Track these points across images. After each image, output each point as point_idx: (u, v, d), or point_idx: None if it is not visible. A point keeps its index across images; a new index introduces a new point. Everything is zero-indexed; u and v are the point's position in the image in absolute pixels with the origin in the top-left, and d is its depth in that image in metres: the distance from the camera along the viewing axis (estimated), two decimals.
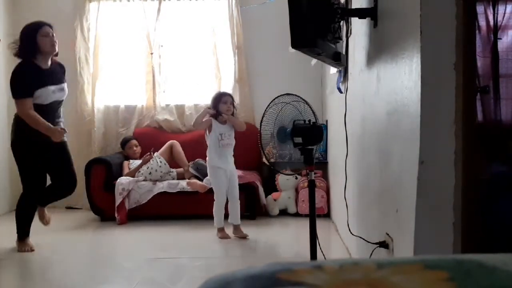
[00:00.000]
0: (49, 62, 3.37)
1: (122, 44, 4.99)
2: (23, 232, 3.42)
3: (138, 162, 4.56)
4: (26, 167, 3.36)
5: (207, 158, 3.80)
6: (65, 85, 3.48)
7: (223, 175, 3.70)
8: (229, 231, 3.75)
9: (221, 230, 3.74)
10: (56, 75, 3.41)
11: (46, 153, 3.37)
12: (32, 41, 3.27)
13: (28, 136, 3.30)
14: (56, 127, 3.33)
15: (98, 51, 4.92)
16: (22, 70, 3.30)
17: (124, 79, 5.01)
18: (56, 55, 3.43)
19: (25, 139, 3.32)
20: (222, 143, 3.69)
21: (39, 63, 3.30)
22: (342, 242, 3.46)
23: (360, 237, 2.43)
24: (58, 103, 3.45)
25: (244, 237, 3.72)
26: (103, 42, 4.96)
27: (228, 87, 4.99)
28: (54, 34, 3.34)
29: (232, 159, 3.78)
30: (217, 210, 3.73)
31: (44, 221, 3.58)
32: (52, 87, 3.34)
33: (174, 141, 4.72)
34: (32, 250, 3.37)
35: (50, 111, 3.37)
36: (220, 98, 3.71)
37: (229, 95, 3.85)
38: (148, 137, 4.88)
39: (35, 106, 3.27)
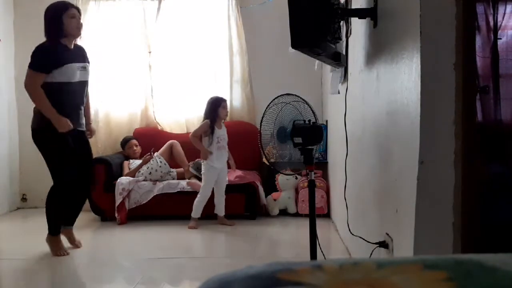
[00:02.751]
0: (72, 46, 3.28)
1: (121, 43, 4.98)
2: (55, 228, 3.29)
3: (138, 162, 4.56)
4: (51, 156, 3.21)
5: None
6: (87, 64, 3.38)
7: (215, 174, 4.05)
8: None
9: (195, 220, 4.04)
10: (80, 53, 3.34)
11: (66, 142, 3.23)
12: (57, 22, 3.16)
13: (50, 124, 3.15)
14: (62, 117, 3.14)
15: (98, 50, 4.92)
16: (48, 45, 3.18)
17: (123, 78, 5.00)
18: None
19: (47, 127, 3.16)
20: (218, 145, 4.05)
21: (64, 43, 3.22)
22: (342, 242, 3.46)
23: (360, 237, 2.42)
24: (83, 85, 3.34)
25: (229, 224, 4.08)
26: (103, 41, 4.96)
27: (225, 87, 4.99)
28: (80, 17, 3.27)
29: (226, 160, 4.15)
30: (200, 202, 4.05)
31: (75, 244, 3.45)
32: (77, 65, 3.26)
33: (174, 141, 4.72)
34: (67, 254, 3.24)
35: (77, 93, 3.27)
36: (220, 103, 4.06)
37: (226, 100, 4.17)
38: (148, 137, 4.88)
39: (62, 84, 3.16)
